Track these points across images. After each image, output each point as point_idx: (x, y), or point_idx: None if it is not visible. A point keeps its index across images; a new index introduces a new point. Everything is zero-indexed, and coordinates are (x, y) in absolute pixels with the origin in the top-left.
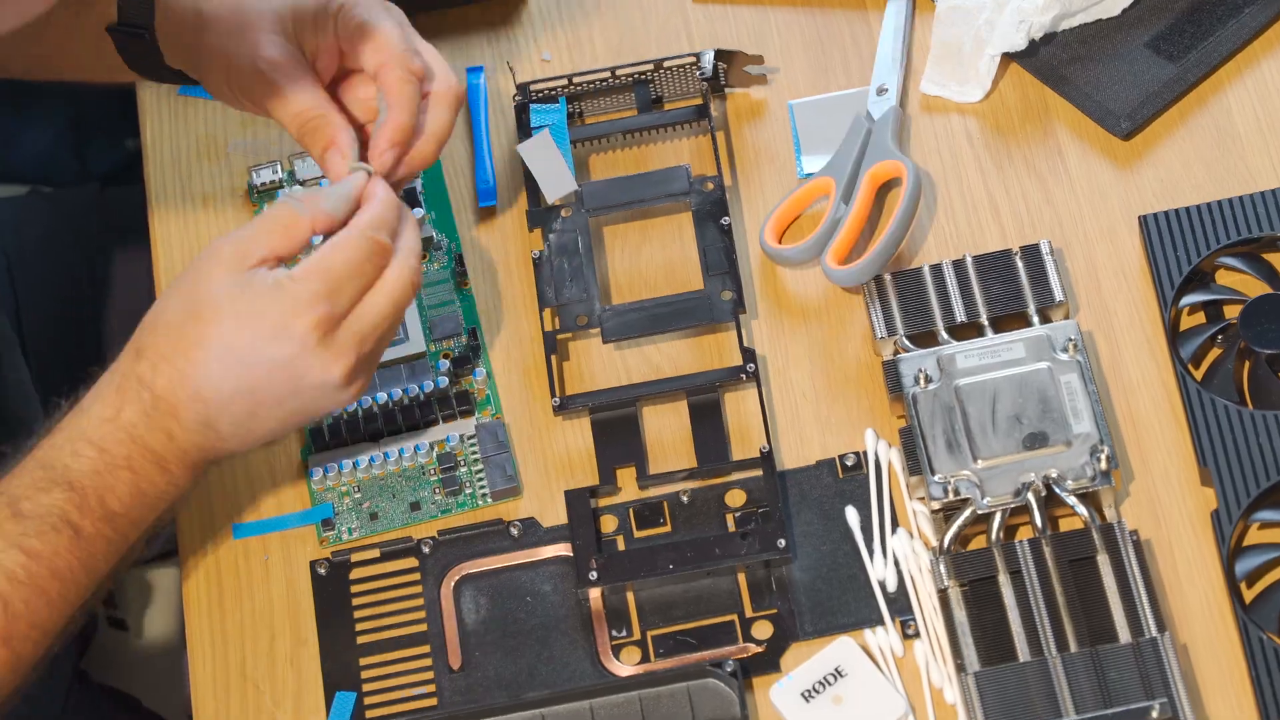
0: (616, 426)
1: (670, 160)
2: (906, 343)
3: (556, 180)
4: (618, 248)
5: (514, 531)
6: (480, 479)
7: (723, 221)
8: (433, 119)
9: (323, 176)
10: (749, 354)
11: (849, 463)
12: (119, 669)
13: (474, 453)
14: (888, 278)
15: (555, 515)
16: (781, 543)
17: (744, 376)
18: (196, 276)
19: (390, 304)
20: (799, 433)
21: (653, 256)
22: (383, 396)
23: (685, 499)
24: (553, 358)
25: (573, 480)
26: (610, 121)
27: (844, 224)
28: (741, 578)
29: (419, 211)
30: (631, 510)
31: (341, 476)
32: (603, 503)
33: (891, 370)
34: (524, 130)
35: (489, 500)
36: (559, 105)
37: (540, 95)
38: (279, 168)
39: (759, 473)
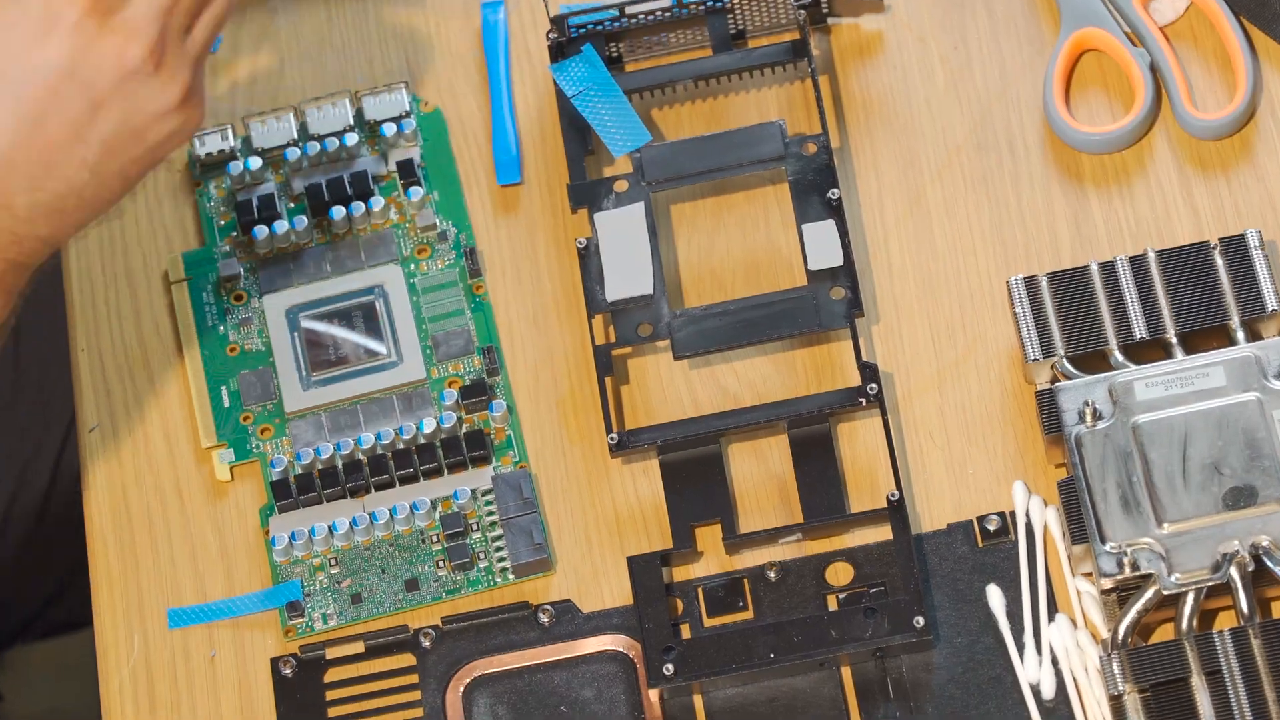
0: (694, 471)
1: (757, 115)
2: (1068, 367)
3: (621, 127)
4: (690, 232)
5: (544, 619)
6: (499, 549)
7: (830, 195)
8: None
9: (285, 146)
10: (869, 370)
11: (991, 527)
12: None
13: (490, 514)
14: (1043, 279)
15: (599, 596)
16: (919, 621)
17: (863, 401)
18: None
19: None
20: (925, 486)
21: (736, 243)
22: (367, 438)
23: (772, 575)
24: (607, 380)
25: (631, 544)
26: (676, 65)
27: (1169, 69)
28: (847, 676)
29: (417, 191)
30: (701, 592)
31: (313, 545)
32: (678, 572)
33: (1048, 403)
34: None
35: (510, 577)
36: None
37: (584, 29)
38: (230, 134)
39: (877, 534)
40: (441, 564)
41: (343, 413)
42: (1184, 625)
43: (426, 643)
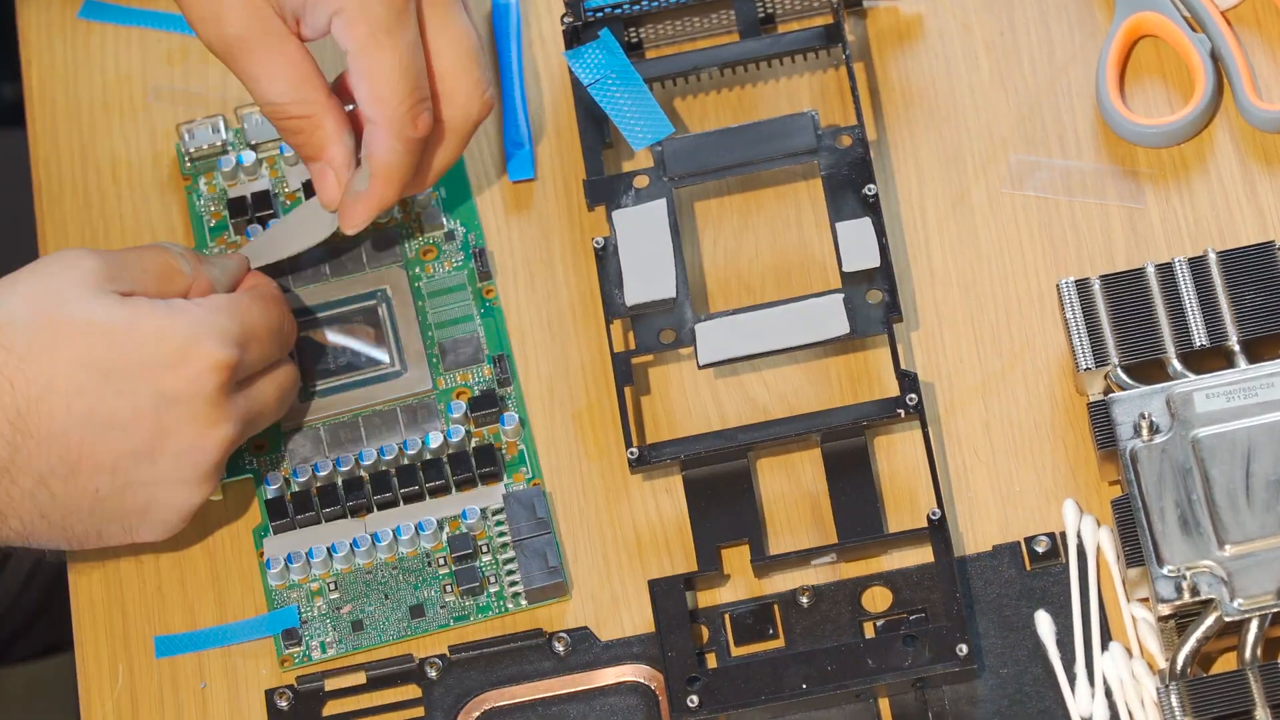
0: (720, 488)
1: (787, 105)
2: (1122, 376)
3: (641, 118)
4: (715, 232)
5: (559, 647)
6: (511, 572)
7: (866, 191)
8: (435, 155)
9: (280, 139)
10: (908, 380)
11: (1040, 548)
12: None
13: (501, 534)
14: (1095, 283)
15: (618, 623)
16: (962, 649)
17: (902, 412)
18: (50, 281)
19: (278, 394)
20: (969, 505)
21: (765, 243)
22: (369, 453)
23: (804, 600)
24: (627, 390)
25: (653, 566)
26: (701, 52)
27: (1231, 56)
28: (885, 708)
29: None
30: (728, 618)
31: (311, 568)
32: (703, 596)
33: (1101, 415)
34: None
35: (523, 603)
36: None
37: (601, 13)
38: (221, 126)
39: (916, 557)
40: (449, 588)
41: (343, 426)
42: (1247, 654)
43: (433, 673)
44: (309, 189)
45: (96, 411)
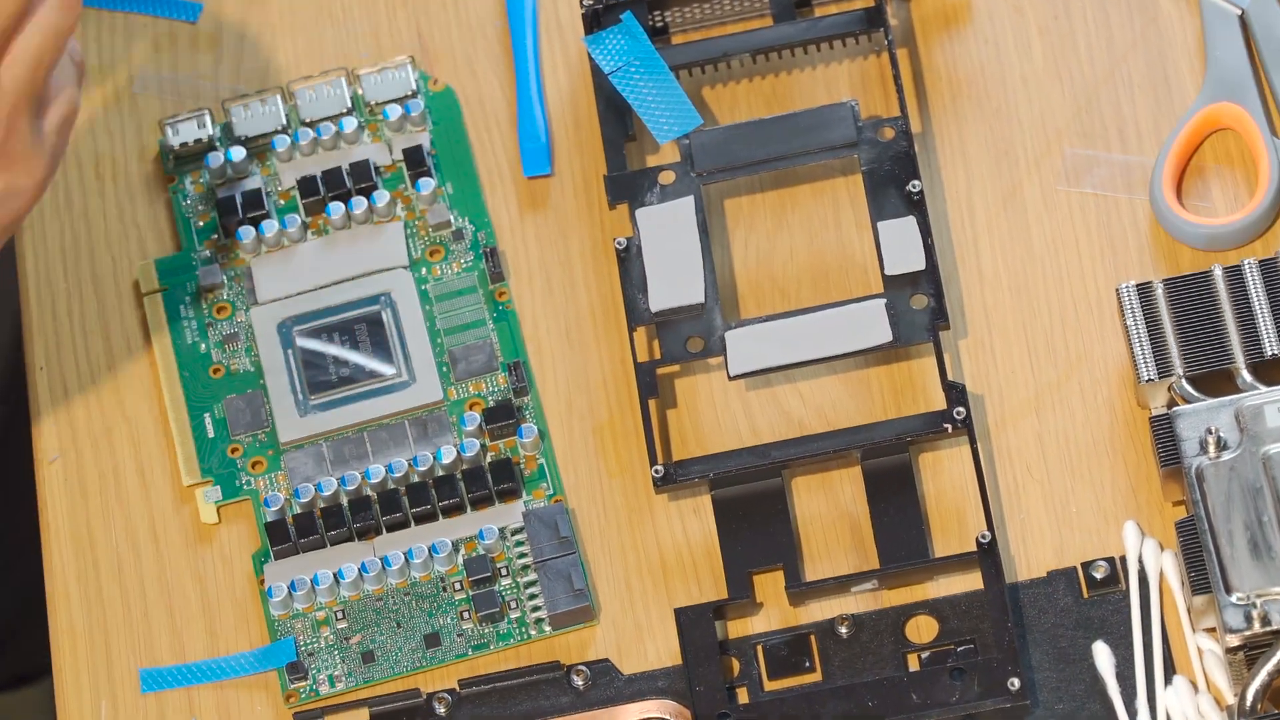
0: (752, 508)
1: (824, 95)
2: (1187, 388)
3: (667, 109)
4: (747, 231)
5: (578, 681)
6: (533, 596)
7: (910, 188)
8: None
9: (273, 133)
10: (956, 391)
11: (1098, 574)
12: None
13: (522, 555)
14: (1158, 287)
15: (641, 655)
16: (1014, 683)
17: (949, 427)
18: None
19: (48, 35)
20: (1022, 527)
21: (801, 244)
22: (376, 470)
23: (842, 630)
24: (651, 403)
25: (679, 594)
26: (731, 37)
27: None
28: None
29: (427, 183)
30: (760, 650)
31: (317, 595)
32: (734, 626)
33: (1165, 430)
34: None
35: (546, 629)
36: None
37: None
38: (208, 119)
39: (964, 583)
40: (466, 615)
41: (347, 442)
42: None
43: (441, 709)
44: (304, 187)
45: None
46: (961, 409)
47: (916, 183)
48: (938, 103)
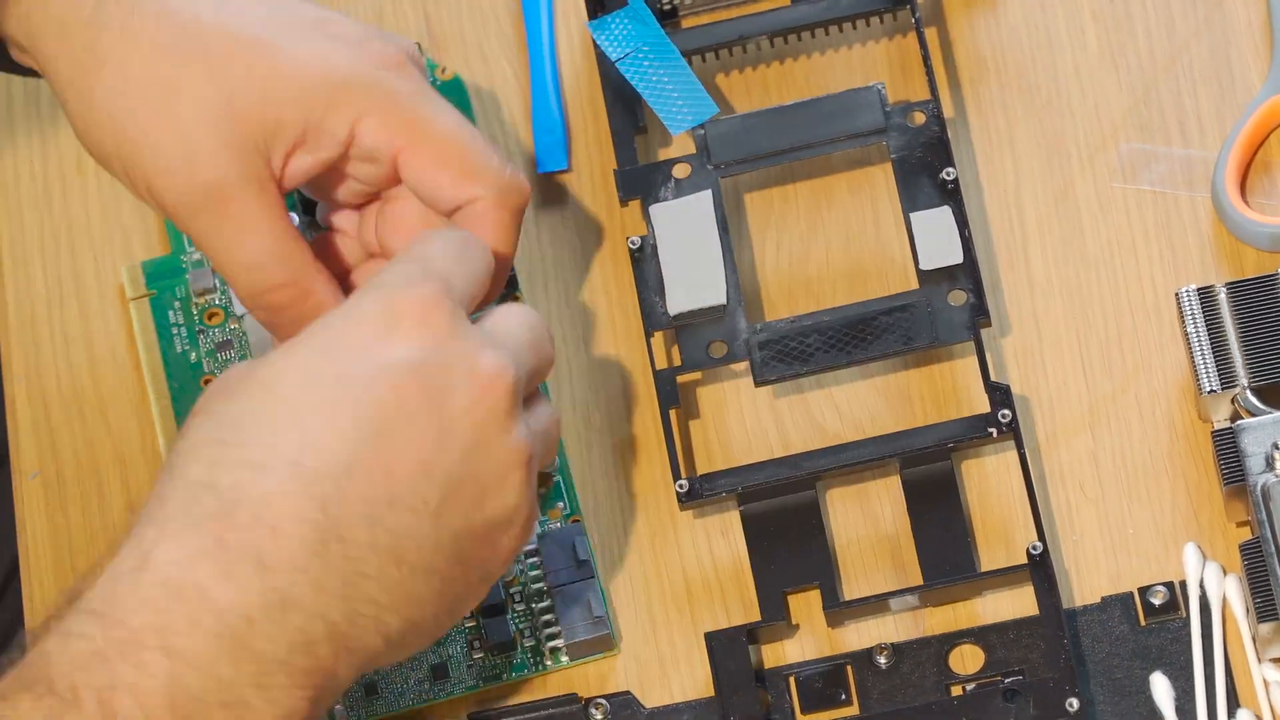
0: (785, 524)
1: (847, 79)
2: (1253, 400)
3: (679, 97)
4: (770, 227)
5: (596, 715)
6: (549, 624)
7: (944, 175)
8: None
9: None
10: (1000, 393)
11: (1157, 600)
12: None
13: (536, 580)
14: (1221, 291)
15: (665, 687)
16: (1073, 703)
17: (994, 431)
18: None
19: (552, 424)
20: (1074, 550)
21: (829, 239)
22: None
23: (881, 660)
24: (673, 413)
25: (706, 618)
26: (747, 18)
27: None
28: None
29: None
30: (793, 681)
31: None
32: (768, 651)
33: (1228, 445)
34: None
35: (563, 659)
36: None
37: None
38: None
39: (1012, 602)
40: (476, 644)
41: None
42: None
43: None
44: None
45: (368, 413)
46: (1006, 412)
47: (950, 170)
48: (984, 93)
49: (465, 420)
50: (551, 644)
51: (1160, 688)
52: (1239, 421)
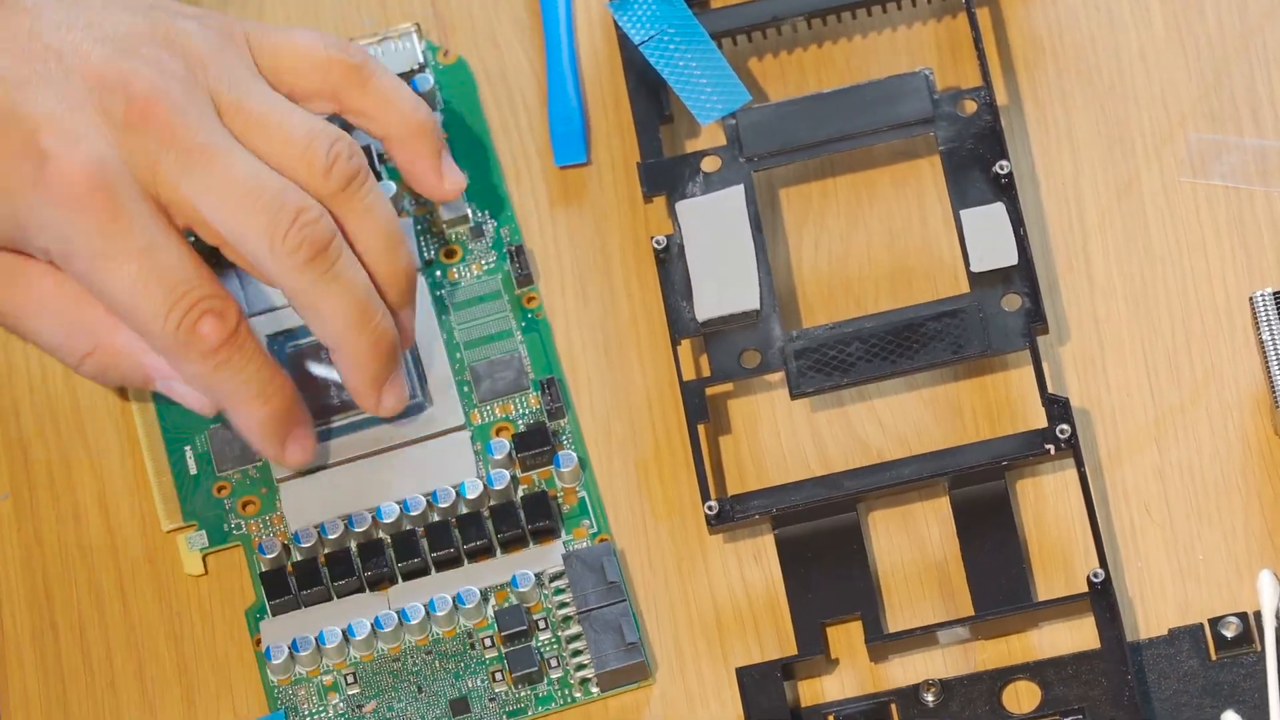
0: (823, 549)
1: (891, 63)
2: None
3: (709, 84)
4: (807, 225)
5: None
6: (578, 652)
7: (997, 169)
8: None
9: None
10: (1059, 407)
11: (1229, 632)
12: None
13: (563, 605)
14: None
15: None
16: None
17: (1051, 447)
18: None
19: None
20: (1139, 577)
21: (872, 238)
22: (389, 509)
23: (929, 698)
24: (701, 428)
25: (738, 651)
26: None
27: None
28: None
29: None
30: None
31: (323, 656)
32: (805, 687)
33: None
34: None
35: (594, 690)
36: None
37: None
38: None
39: (1070, 634)
40: (499, 676)
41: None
42: None
43: None
44: None
45: None
46: (1066, 426)
47: (1004, 163)
48: (1040, 79)
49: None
50: (581, 674)
51: None
52: None
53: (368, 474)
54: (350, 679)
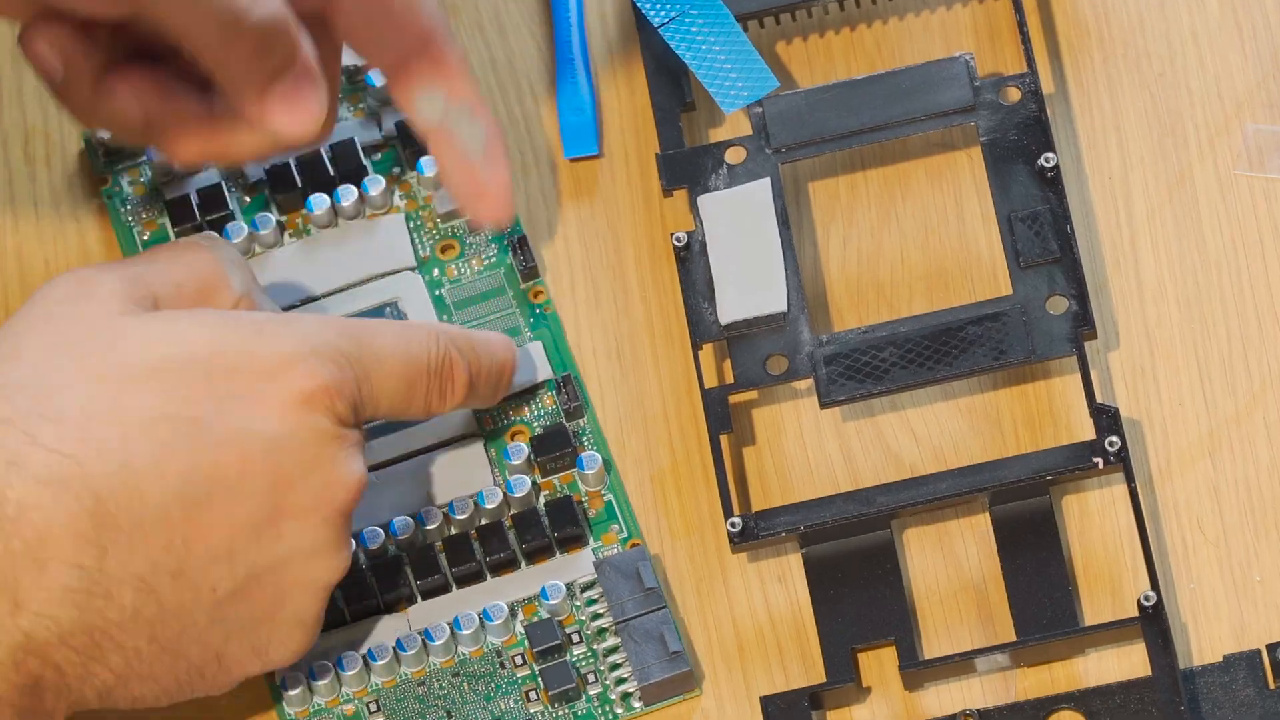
0: (854, 569)
1: (927, 49)
2: None
3: (734, 70)
4: (838, 222)
5: None
6: (617, 665)
7: (1042, 161)
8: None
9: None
10: (1108, 417)
11: None
12: None
13: (596, 616)
14: None
15: None
16: None
17: (1099, 461)
18: (71, 324)
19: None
20: (1192, 599)
21: (907, 236)
22: (403, 522)
23: None
24: (724, 439)
25: (761, 678)
26: None
27: None
28: None
29: (429, 163)
30: None
31: (342, 683)
32: (834, 718)
33: None
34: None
35: (636, 705)
36: None
37: None
38: None
39: (1119, 662)
40: (534, 695)
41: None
42: None
43: None
44: (276, 178)
45: (196, 471)
46: (1115, 439)
47: (1051, 155)
48: (1084, 63)
49: (295, 524)
50: (621, 688)
51: None
52: None
53: (377, 488)
54: (373, 707)
